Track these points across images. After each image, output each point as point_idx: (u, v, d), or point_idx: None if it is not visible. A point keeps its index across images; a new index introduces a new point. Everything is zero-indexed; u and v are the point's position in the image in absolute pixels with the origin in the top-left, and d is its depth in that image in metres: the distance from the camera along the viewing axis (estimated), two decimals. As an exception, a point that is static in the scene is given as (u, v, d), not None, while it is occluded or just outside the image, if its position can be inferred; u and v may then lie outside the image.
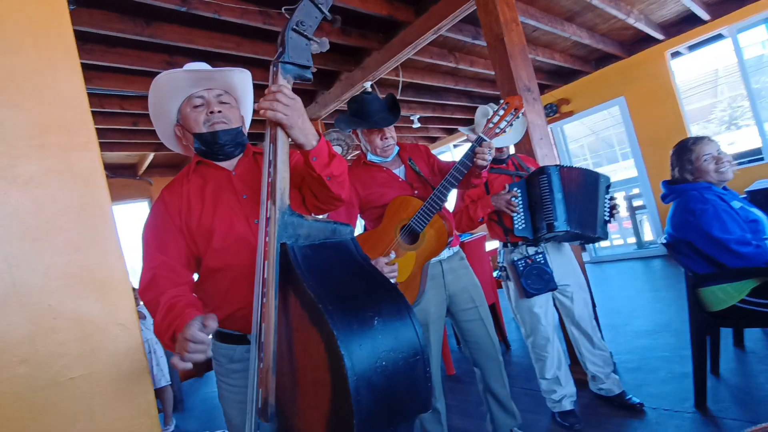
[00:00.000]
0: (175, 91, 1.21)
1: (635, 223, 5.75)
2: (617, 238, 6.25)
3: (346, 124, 2.03)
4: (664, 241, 2.16)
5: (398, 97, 4.18)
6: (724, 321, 1.99)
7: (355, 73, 3.71)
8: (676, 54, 5.07)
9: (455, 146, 7.78)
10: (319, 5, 0.99)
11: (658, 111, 5.04)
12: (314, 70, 1.06)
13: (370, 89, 3.80)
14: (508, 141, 2.28)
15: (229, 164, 1.28)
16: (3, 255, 0.88)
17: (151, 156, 5.03)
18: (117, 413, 0.93)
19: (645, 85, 5.10)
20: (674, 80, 5.00)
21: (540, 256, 2.08)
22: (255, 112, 1.23)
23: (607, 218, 2.08)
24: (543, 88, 5.73)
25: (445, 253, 1.93)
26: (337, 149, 3.67)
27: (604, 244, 6.23)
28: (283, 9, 1.00)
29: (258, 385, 0.88)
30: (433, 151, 7.92)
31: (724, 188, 2.04)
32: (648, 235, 5.82)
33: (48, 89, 0.96)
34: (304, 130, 1.02)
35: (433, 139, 7.52)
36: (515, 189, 2.10)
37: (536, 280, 2.05)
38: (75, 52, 1.02)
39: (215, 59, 3.21)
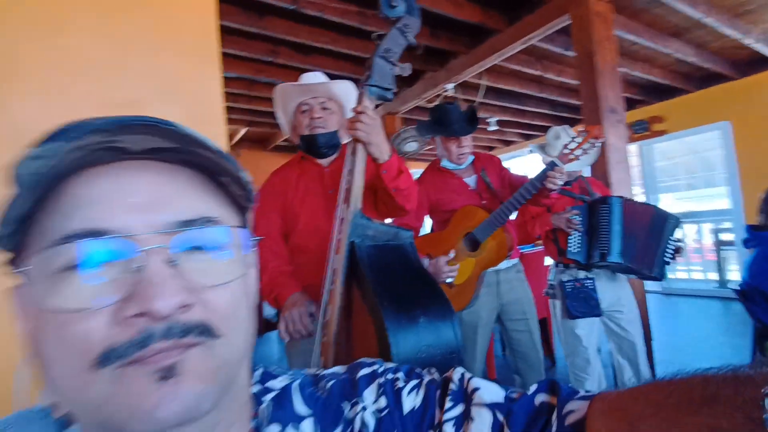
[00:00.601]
0: (289, 98, 1.49)
1: (719, 259, 5.29)
2: (697, 270, 5.79)
3: (427, 131, 2.19)
4: (737, 288, 2.07)
5: (478, 99, 4.22)
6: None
7: (440, 73, 3.80)
8: (800, 79, 4.53)
9: (530, 152, 7.57)
10: (406, 34, 1.13)
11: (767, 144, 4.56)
12: (395, 90, 1.21)
13: (452, 91, 3.89)
14: (579, 165, 2.28)
15: (325, 161, 1.52)
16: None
17: (243, 131, 5.54)
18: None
19: (757, 111, 4.62)
20: (794, 110, 4.48)
21: (590, 281, 2.09)
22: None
23: (667, 259, 2.03)
24: (635, 103, 5.40)
25: (503, 264, 2.02)
26: (413, 145, 3.81)
27: (680, 275, 5.80)
28: (372, 36, 1.16)
29: (321, 354, 1.08)
30: (507, 155, 7.77)
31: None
32: (734, 274, 5.33)
33: (199, 90, 1.24)
34: (379, 147, 1.19)
35: (508, 143, 7.39)
36: (575, 214, 2.12)
37: (582, 303, 2.08)
38: (218, 62, 1.29)
39: (313, 52, 3.48)
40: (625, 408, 0.32)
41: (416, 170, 2.52)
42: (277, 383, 0.40)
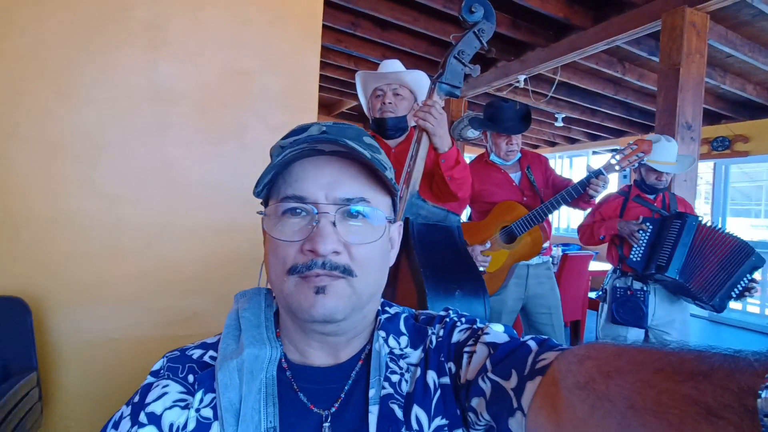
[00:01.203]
0: (367, 83, 1.64)
1: (780, 297, 4.97)
2: (754, 304, 5.47)
3: (480, 125, 2.26)
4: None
5: (550, 94, 4.16)
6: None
7: (513, 64, 3.78)
8: None
9: (594, 153, 7.30)
10: (481, 37, 1.23)
11: None
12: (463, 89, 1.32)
13: (523, 83, 3.87)
14: (670, 169, 2.17)
15: (392, 143, 1.67)
16: (253, 173, 1.40)
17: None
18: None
19: None
20: None
21: (641, 293, 2.10)
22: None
23: (734, 295, 1.98)
24: (721, 118, 5.04)
25: (535, 260, 2.12)
26: (475, 132, 3.86)
27: (734, 305, 5.50)
28: (451, 36, 1.27)
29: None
30: (569, 154, 7.50)
31: None
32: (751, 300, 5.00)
33: (300, 65, 1.44)
34: (442, 138, 1.32)
35: (573, 141, 7.14)
36: (647, 224, 2.09)
37: (627, 311, 2.11)
38: (319, 40, 1.47)
39: (391, 28, 3.58)
40: (603, 359, 0.34)
41: (473, 155, 2.61)
42: (392, 310, 0.59)
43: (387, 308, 0.59)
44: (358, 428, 0.49)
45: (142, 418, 0.47)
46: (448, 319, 0.56)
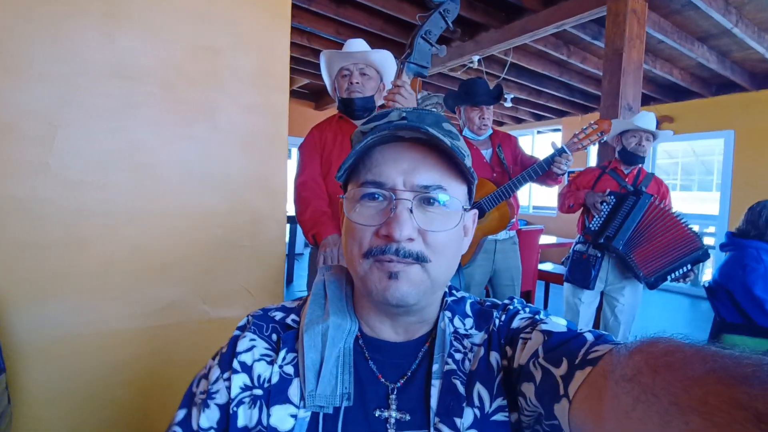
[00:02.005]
0: (332, 63, 1.63)
1: (697, 260, 5.60)
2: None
3: (454, 101, 2.32)
4: (706, 285, 2.31)
5: (502, 75, 4.29)
6: (733, 368, 2.18)
7: (468, 44, 3.85)
8: (811, 100, 4.66)
9: (539, 132, 7.68)
10: (446, 18, 1.25)
11: (765, 157, 4.75)
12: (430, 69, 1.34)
13: (477, 63, 3.95)
14: (651, 127, 2.25)
15: (359, 123, 1.66)
16: (224, 156, 1.33)
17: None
18: (262, 272, 1.41)
19: (762, 124, 4.77)
20: (797, 128, 4.64)
21: (594, 258, 2.28)
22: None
23: (670, 277, 2.15)
24: (649, 100, 5.49)
25: (502, 235, 2.23)
26: (436, 110, 3.93)
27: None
28: (417, 16, 1.28)
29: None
30: (516, 133, 7.85)
31: (781, 253, 2.13)
32: (707, 275, 5.68)
33: (267, 44, 1.36)
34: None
35: (519, 120, 7.46)
36: (611, 197, 2.24)
37: (578, 272, 2.31)
38: (289, 17, 1.40)
39: (346, 4, 3.49)
40: (654, 354, 0.33)
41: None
42: (458, 294, 0.61)
43: (454, 291, 0.61)
44: (422, 401, 0.51)
45: (236, 365, 0.52)
46: (511, 307, 0.58)
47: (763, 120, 4.77)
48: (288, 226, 1.41)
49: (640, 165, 2.37)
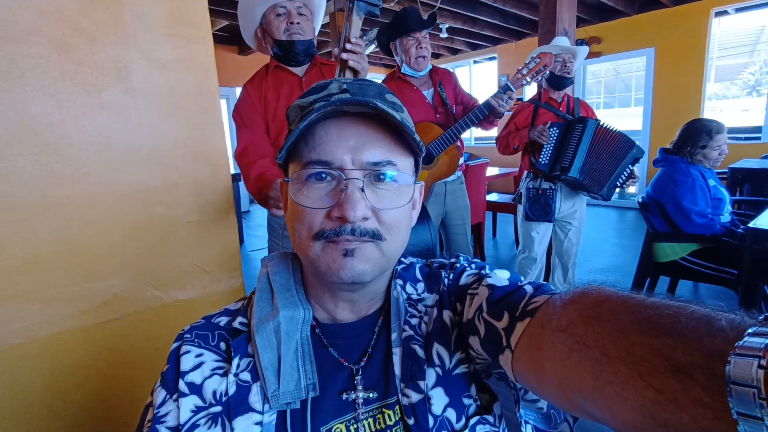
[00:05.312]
0: (257, 2, 1.38)
1: (624, 175, 6.06)
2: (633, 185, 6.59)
3: (387, 35, 2.17)
4: (640, 200, 2.50)
5: (437, 4, 4.08)
6: (664, 271, 2.44)
7: (398, -29, 3.59)
8: (722, 13, 4.93)
9: (475, 62, 7.61)
10: None
11: (681, 71, 5.05)
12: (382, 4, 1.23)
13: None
14: (571, 48, 2.34)
15: (299, 70, 1.50)
16: (149, 123, 1.15)
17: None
18: (214, 246, 1.30)
19: (678, 40, 5.03)
20: (709, 41, 4.93)
21: (550, 191, 2.37)
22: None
23: (619, 184, 2.30)
24: (579, 22, 5.55)
25: (451, 177, 2.23)
26: (369, 47, 3.70)
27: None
28: None
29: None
30: (453, 65, 7.72)
31: (708, 166, 2.32)
32: (632, 188, 6.19)
33: None
34: (365, 71, 1.26)
35: (455, 51, 7.32)
36: (554, 129, 2.29)
37: (539, 208, 2.40)
38: None
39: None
40: (585, 306, 0.35)
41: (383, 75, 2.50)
42: (406, 260, 0.62)
43: (402, 259, 0.61)
44: (385, 372, 0.52)
45: (182, 387, 0.49)
46: (458, 265, 0.58)
47: (680, 35, 5.01)
48: (233, 187, 1.27)
49: (567, 90, 2.45)
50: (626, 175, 2.30)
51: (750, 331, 0.24)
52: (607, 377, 0.30)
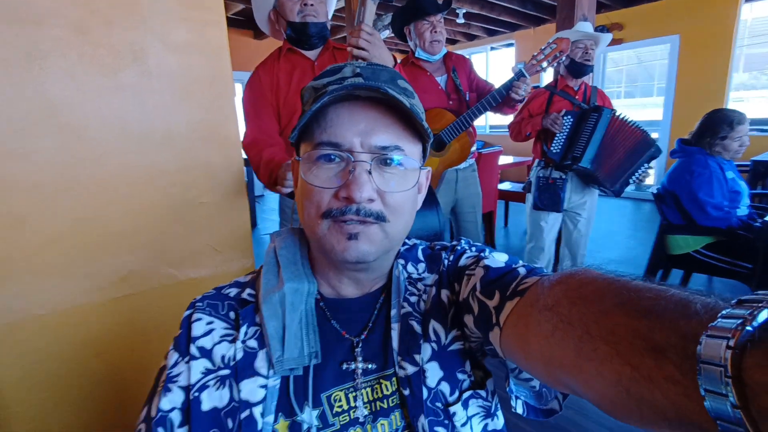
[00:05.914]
0: None
1: (642, 166, 5.93)
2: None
3: (401, 20, 2.15)
4: (655, 191, 2.46)
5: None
6: (677, 263, 2.41)
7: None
8: (752, -2, 4.72)
9: (492, 48, 7.48)
10: None
11: (707, 60, 4.88)
12: None
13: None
14: (593, 34, 2.25)
15: (312, 54, 1.50)
16: (163, 106, 1.18)
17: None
18: (226, 227, 1.34)
19: (705, 27, 4.84)
20: (737, 28, 4.74)
21: (560, 181, 2.34)
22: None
23: (632, 180, 2.26)
24: (600, 7, 5.38)
25: (462, 164, 2.22)
26: (384, 33, 3.67)
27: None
28: None
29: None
30: (469, 51, 7.60)
31: (727, 158, 2.26)
32: (649, 179, 6.06)
33: None
34: (382, 60, 1.24)
35: (472, 37, 7.19)
36: (568, 117, 2.24)
37: (547, 198, 2.37)
38: None
39: None
40: (571, 286, 0.37)
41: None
42: (410, 242, 0.65)
43: (406, 241, 0.64)
44: (384, 346, 0.55)
45: (193, 350, 0.51)
46: (459, 247, 0.62)
47: (706, 22, 4.83)
48: (244, 170, 1.29)
49: (585, 78, 2.38)
50: (641, 172, 2.25)
51: (723, 313, 0.25)
52: (587, 354, 0.32)
